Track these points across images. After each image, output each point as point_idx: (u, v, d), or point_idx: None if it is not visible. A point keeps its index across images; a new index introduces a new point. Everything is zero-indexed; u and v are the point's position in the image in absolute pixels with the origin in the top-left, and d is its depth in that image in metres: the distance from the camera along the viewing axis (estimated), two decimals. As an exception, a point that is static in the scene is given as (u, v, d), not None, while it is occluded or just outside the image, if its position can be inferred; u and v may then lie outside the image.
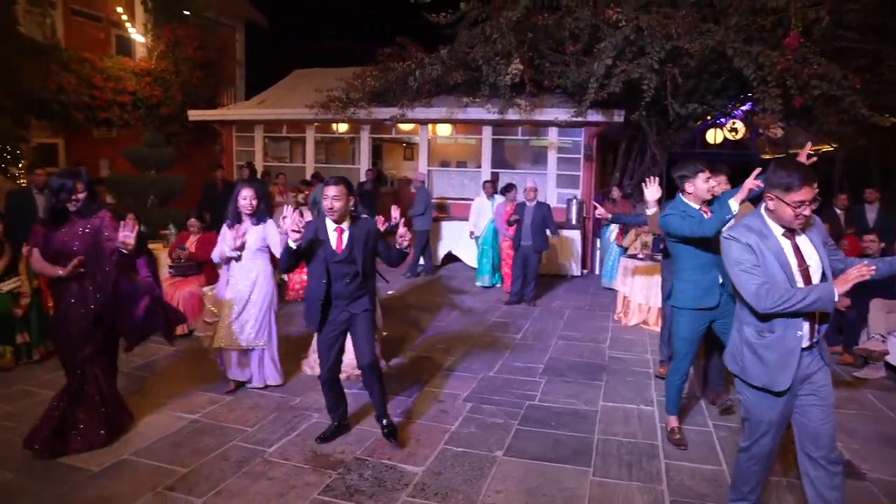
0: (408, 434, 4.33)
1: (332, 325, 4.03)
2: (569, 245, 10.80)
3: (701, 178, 4.17)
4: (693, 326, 4.21)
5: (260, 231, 4.90)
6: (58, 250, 3.92)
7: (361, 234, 3.98)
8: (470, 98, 10.94)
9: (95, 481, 3.57)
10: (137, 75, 14.17)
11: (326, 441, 4.16)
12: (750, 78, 8.32)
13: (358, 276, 3.96)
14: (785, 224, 2.84)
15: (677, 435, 4.29)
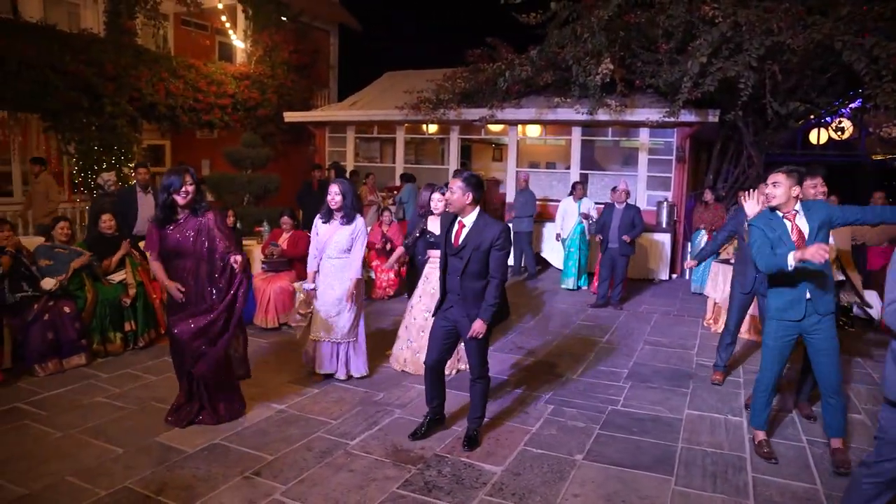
0: (488, 434, 4.34)
1: (441, 318, 4.13)
2: (658, 248, 10.51)
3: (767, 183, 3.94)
4: (776, 335, 3.97)
5: (348, 231, 5.04)
6: (172, 249, 4.18)
7: (482, 234, 3.92)
8: (559, 98, 10.84)
9: (191, 462, 3.79)
10: (237, 79, 14.86)
11: (419, 438, 4.18)
12: (861, 73, 7.83)
13: (467, 274, 3.94)
14: None
15: (766, 448, 4.09)
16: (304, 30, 16.67)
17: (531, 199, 10.24)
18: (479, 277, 3.94)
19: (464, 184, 3.89)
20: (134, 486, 3.50)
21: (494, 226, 3.92)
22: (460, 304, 4.00)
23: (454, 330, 4.08)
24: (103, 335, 5.76)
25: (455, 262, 3.99)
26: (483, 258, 3.90)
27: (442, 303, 4.14)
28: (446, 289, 4.10)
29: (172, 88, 13.04)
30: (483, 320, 3.88)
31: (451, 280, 4.03)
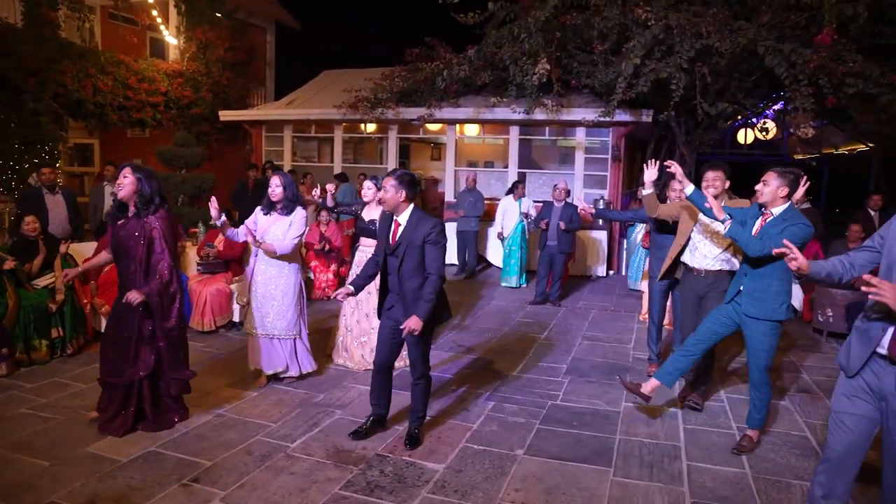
0: (429, 432, 4.35)
1: (386, 318, 4.11)
2: (595, 245, 10.74)
3: None
4: (717, 310, 4.29)
5: (286, 221, 4.95)
6: (114, 247, 4.07)
7: (415, 230, 3.91)
8: (497, 98, 10.95)
9: (123, 471, 3.65)
10: (170, 77, 14.43)
11: (360, 438, 4.16)
12: (782, 76, 8.20)
13: (403, 271, 3.92)
14: None
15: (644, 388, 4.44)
16: (239, 27, 16.30)
17: (480, 199, 10.30)
18: (416, 275, 3.91)
19: (396, 182, 3.89)
20: (61, 500, 3.34)
21: (427, 221, 3.92)
22: (400, 303, 3.98)
23: (398, 328, 4.03)
24: (27, 343, 5.46)
25: (392, 262, 3.98)
26: (417, 254, 3.89)
27: (383, 302, 4.13)
28: (387, 288, 4.09)
29: (101, 85, 12.56)
30: (418, 316, 3.83)
31: (391, 280, 4.03)
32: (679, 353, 4.36)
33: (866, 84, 7.98)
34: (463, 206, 10.20)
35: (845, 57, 7.94)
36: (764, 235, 3.83)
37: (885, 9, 8.59)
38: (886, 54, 9.06)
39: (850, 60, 7.91)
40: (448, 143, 12.47)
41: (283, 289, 5.00)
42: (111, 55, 13.17)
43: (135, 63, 13.72)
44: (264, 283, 5.00)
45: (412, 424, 4.18)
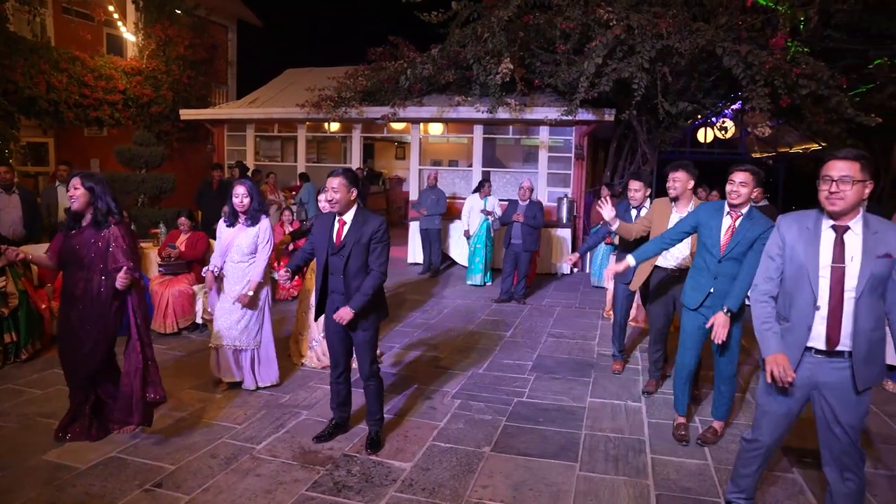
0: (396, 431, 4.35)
1: (330, 320, 4.01)
2: (559, 243, 10.84)
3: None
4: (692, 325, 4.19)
5: (253, 233, 4.88)
6: (67, 255, 3.94)
7: (361, 228, 3.88)
8: (461, 97, 10.98)
9: (82, 479, 3.56)
10: (128, 74, 14.14)
11: (322, 441, 4.11)
12: (739, 77, 8.38)
13: (348, 271, 3.88)
14: (825, 210, 2.79)
15: (682, 431, 4.31)
16: (200, 24, 16.06)
17: (442, 197, 10.30)
18: (361, 273, 3.88)
19: (346, 180, 3.82)
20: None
21: (374, 219, 3.90)
22: (345, 303, 3.89)
23: (346, 330, 3.99)
24: (-23, 348, 5.31)
25: (336, 262, 3.91)
26: (363, 253, 3.86)
27: (323, 304, 4.04)
28: (328, 289, 3.99)
29: (54, 82, 12.25)
30: (351, 308, 3.80)
31: (334, 280, 3.95)
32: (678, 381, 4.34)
33: (818, 85, 8.22)
34: (425, 204, 10.20)
35: (798, 59, 8.17)
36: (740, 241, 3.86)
37: (833, 14, 8.89)
38: (835, 57, 9.37)
39: (802, 62, 8.15)
40: (412, 142, 12.47)
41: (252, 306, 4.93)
42: (65, 51, 12.85)
43: (91, 60, 13.41)
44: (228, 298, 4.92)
45: (371, 428, 4.13)
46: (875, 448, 4.25)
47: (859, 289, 2.69)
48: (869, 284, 2.67)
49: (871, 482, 3.75)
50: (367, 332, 3.97)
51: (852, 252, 2.72)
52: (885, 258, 2.67)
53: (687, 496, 3.54)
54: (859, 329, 2.71)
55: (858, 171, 2.67)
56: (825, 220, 2.81)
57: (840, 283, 2.72)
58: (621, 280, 5.60)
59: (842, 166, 2.69)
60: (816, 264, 2.77)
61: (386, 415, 4.47)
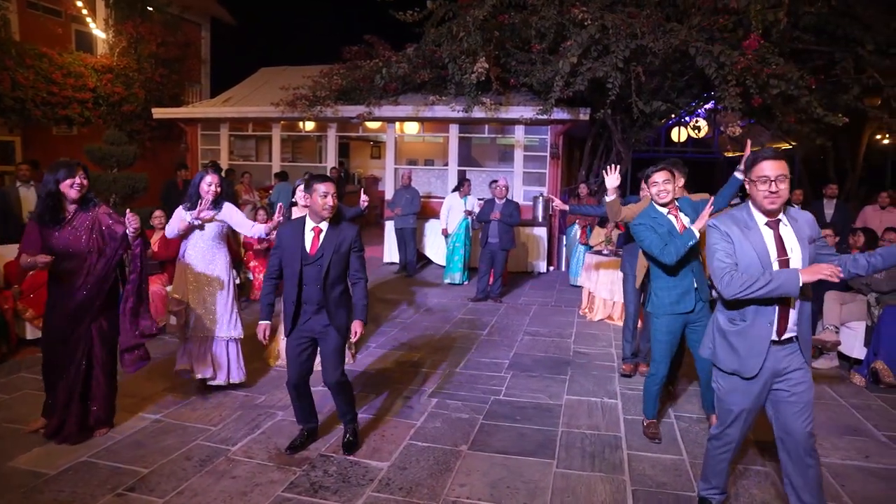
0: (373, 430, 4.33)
1: (296, 336, 3.87)
2: (535, 242, 10.89)
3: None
4: (668, 329, 4.16)
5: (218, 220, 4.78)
6: (61, 250, 3.85)
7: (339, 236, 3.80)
8: (436, 96, 10.96)
9: (51, 485, 3.49)
10: (98, 72, 13.89)
11: (296, 450, 3.99)
12: (712, 77, 8.48)
13: (329, 280, 3.78)
14: (761, 209, 2.89)
15: (653, 430, 4.34)
16: (173, 22, 15.83)
17: (416, 197, 10.28)
18: (339, 282, 3.83)
19: (332, 187, 3.75)
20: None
21: (350, 228, 3.84)
22: (320, 314, 3.79)
23: (312, 342, 3.88)
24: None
25: (312, 272, 3.75)
26: (342, 262, 3.80)
27: (296, 318, 3.84)
28: (301, 300, 3.81)
29: (20, 79, 11.98)
30: (361, 321, 3.84)
31: (309, 290, 3.78)
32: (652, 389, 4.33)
33: (788, 85, 8.36)
34: (399, 203, 10.17)
35: (769, 59, 8.29)
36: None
37: (801, 17, 9.05)
38: (804, 58, 9.55)
39: (773, 63, 8.27)
40: (388, 141, 12.42)
41: (217, 290, 4.84)
42: (31, 47, 12.57)
43: (59, 57, 13.14)
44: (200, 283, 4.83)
45: (347, 428, 4.06)
46: (845, 439, 4.33)
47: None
48: None
49: (841, 473, 3.83)
50: (344, 340, 3.91)
51: (790, 243, 2.87)
52: (812, 242, 2.88)
53: (663, 491, 3.57)
54: (803, 314, 2.91)
55: (786, 168, 2.84)
56: (759, 217, 2.92)
57: None
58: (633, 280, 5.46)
59: (776, 165, 2.82)
60: (768, 260, 2.85)
61: (363, 414, 4.47)
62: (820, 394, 5.25)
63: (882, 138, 14.12)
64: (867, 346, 5.61)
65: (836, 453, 4.12)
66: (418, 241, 11.02)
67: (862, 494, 3.59)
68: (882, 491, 3.65)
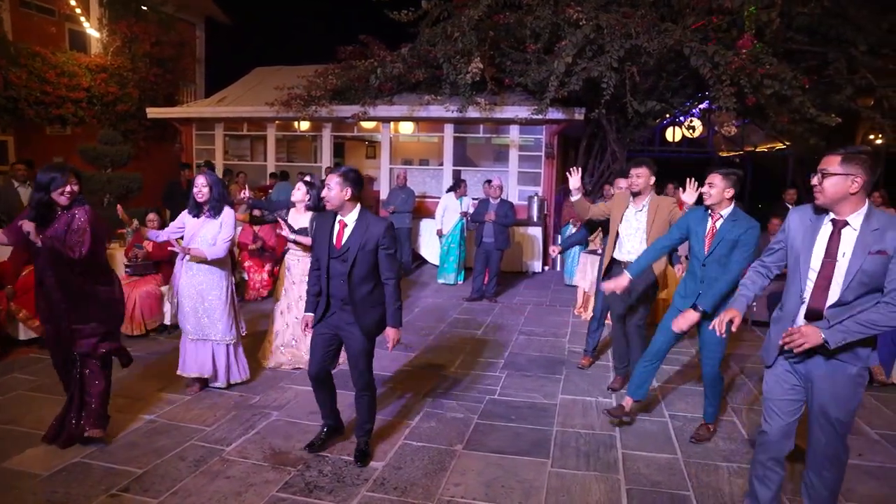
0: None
1: (323, 326, 3.85)
2: (530, 242, 10.90)
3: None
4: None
5: (217, 224, 4.78)
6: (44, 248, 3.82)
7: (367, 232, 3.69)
8: (431, 96, 10.96)
9: (45, 485, 3.47)
10: (92, 71, 13.85)
11: (316, 449, 3.97)
12: (706, 76, 8.51)
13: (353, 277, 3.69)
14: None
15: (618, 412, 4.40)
16: (167, 21, 15.78)
17: (411, 196, 10.28)
18: (366, 280, 3.71)
19: (341, 178, 3.66)
20: (-27, 520, 3.16)
21: (379, 223, 3.70)
22: (345, 310, 3.75)
23: (336, 337, 3.84)
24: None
25: (338, 266, 3.69)
26: (369, 259, 3.67)
27: (327, 309, 3.82)
28: (330, 293, 3.78)
29: (13, 78, 11.95)
30: (394, 327, 3.78)
31: (335, 284, 3.73)
32: (643, 365, 4.34)
33: (781, 86, 8.38)
34: (395, 203, 10.17)
35: (763, 60, 8.32)
36: (721, 241, 3.91)
37: (794, 17, 9.09)
38: (798, 59, 9.58)
39: (767, 63, 8.30)
40: (383, 141, 12.42)
41: (215, 294, 4.84)
42: (24, 46, 12.52)
43: (52, 56, 13.10)
44: (192, 290, 4.82)
45: (360, 439, 3.97)
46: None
47: (845, 283, 2.68)
48: (856, 280, 2.65)
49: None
50: (371, 344, 3.83)
51: (845, 248, 2.70)
52: (879, 255, 2.62)
53: (658, 490, 3.58)
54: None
55: (838, 164, 2.68)
56: (828, 214, 2.80)
57: (827, 278, 2.72)
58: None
59: (826, 160, 2.74)
60: (809, 257, 2.78)
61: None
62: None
63: (875, 138, 14.17)
64: (860, 345, 5.62)
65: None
66: (413, 240, 11.01)
67: (855, 492, 3.61)
68: (875, 489, 3.67)
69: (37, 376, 5.15)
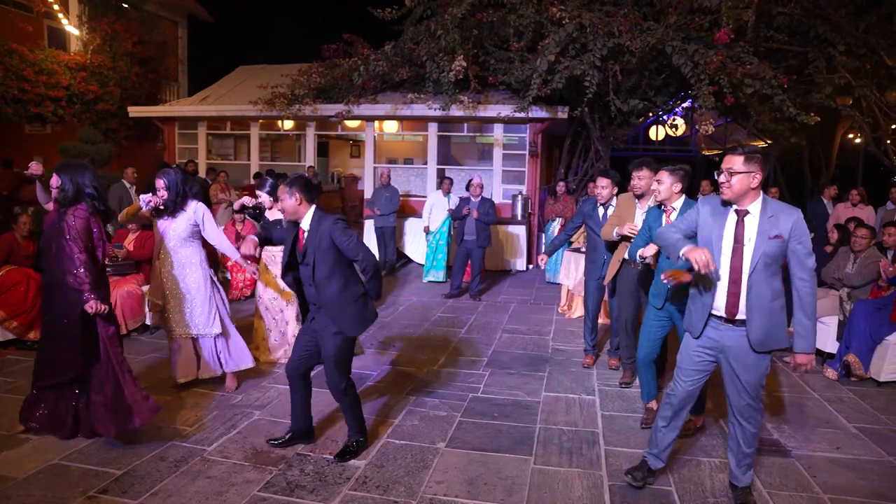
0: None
1: (307, 327, 3.90)
2: (514, 240, 10.91)
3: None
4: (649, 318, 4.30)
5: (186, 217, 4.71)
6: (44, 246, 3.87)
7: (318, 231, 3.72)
8: (415, 94, 10.95)
9: (21, 488, 3.43)
10: (72, 69, 13.70)
11: (276, 445, 3.98)
12: (687, 75, 8.56)
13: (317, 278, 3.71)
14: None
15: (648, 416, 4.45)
16: (149, 19, 15.66)
17: (395, 195, 10.26)
18: (332, 279, 3.71)
19: (287, 187, 3.72)
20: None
21: (326, 219, 3.72)
22: (321, 313, 3.77)
23: (315, 340, 3.84)
24: None
25: (305, 272, 3.76)
26: (327, 257, 3.69)
27: (305, 313, 3.96)
28: (306, 300, 3.90)
29: (-11, 75, 11.81)
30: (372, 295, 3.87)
31: (307, 290, 3.83)
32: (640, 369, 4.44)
33: (762, 85, 8.46)
34: (379, 202, 10.14)
35: (744, 59, 8.38)
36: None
37: (775, 17, 9.17)
38: (778, 58, 9.67)
39: (747, 62, 8.37)
40: (367, 139, 12.38)
41: (195, 284, 4.79)
42: (1, 44, 12.36)
43: (30, 53, 12.94)
44: (175, 283, 4.78)
45: (348, 439, 3.98)
46: (817, 432, 4.39)
47: (752, 265, 3.09)
48: (761, 261, 3.07)
49: (813, 464, 3.89)
50: (344, 352, 3.80)
51: (750, 234, 3.11)
52: (776, 239, 3.07)
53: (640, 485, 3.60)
54: (756, 300, 3.11)
55: (742, 163, 3.07)
56: (732, 206, 3.20)
57: (739, 260, 3.12)
58: (592, 276, 5.66)
59: (727, 160, 3.14)
60: (720, 243, 3.17)
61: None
62: (793, 387, 5.34)
63: (854, 137, 14.35)
64: (839, 340, 5.69)
65: (808, 445, 4.19)
66: (398, 239, 10.99)
67: (833, 485, 3.65)
68: (852, 481, 3.71)
69: (14, 378, 5.09)
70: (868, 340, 5.38)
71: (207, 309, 4.83)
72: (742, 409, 3.28)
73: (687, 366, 3.39)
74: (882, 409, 4.89)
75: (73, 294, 3.75)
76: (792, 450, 4.11)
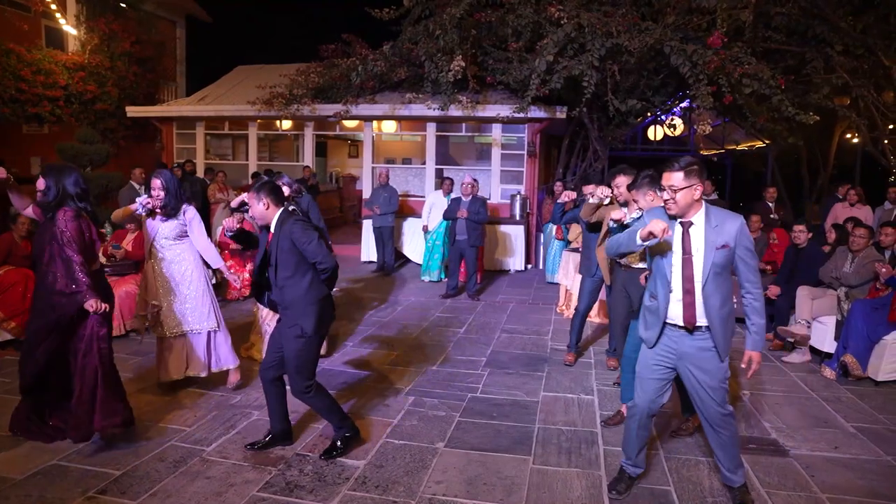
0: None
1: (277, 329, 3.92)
2: (512, 240, 10.91)
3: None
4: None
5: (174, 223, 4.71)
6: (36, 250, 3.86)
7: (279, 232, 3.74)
8: (413, 94, 10.95)
9: (20, 489, 3.43)
10: (70, 69, 13.67)
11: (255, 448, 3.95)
12: (685, 75, 8.56)
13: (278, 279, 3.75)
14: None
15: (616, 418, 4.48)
16: (147, 19, 15.64)
17: (394, 195, 10.26)
18: (293, 279, 3.71)
19: (255, 193, 3.76)
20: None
21: (287, 219, 3.75)
22: (286, 313, 3.79)
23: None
24: None
25: (272, 273, 3.79)
26: (288, 258, 3.69)
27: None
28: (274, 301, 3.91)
29: (-13, 75, 11.78)
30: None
31: (274, 292, 3.85)
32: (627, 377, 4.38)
33: (760, 85, 8.47)
34: (377, 202, 10.14)
35: (741, 59, 8.39)
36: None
37: (773, 17, 9.18)
38: (776, 58, 9.68)
39: (745, 62, 8.37)
40: (365, 139, 12.38)
41: (189, 280, 4.80)
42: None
43: (28, 53, 12.91)
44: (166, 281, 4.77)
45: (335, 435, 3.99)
46: (815, 431, 4.40)
47: (704, 275, 3.13)
48: (712, 272, 3.12)
49: (811, 464, 3.90)
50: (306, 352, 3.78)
51: (697, 244, 3.16)
52: (723, 248, 3.11)
53: (638, 486, 3.60)
54: (710, 308, 3.15)
55: (682, 178, 3.09)
56: (677, 219, 3.22)
57: (690, 270, 3.15)
58: (587, 274, 5.67)
59: (666, 177, 3.15)
60: (670, 255, 3.21)
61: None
62: (792, 387, 5.35)
63: (852, 137, 14.36)
64: (837, 340, 5.70)
65: (806, 444, 4.20)
66: (396, 239, 10.99)
67: (831, 484, 3.66)
68: (850, 480, 3.72)
69: (13, 378, 5.07)
70: (866, 340, 5.39)
71: (203, 304, 4.83)
72: (712, 416, 3.29)
73: (646, 375, 3.41)
74: (880, 409, 4.91)
75: (55, 297, 3.75)
76: (790, 449, 4.12)
